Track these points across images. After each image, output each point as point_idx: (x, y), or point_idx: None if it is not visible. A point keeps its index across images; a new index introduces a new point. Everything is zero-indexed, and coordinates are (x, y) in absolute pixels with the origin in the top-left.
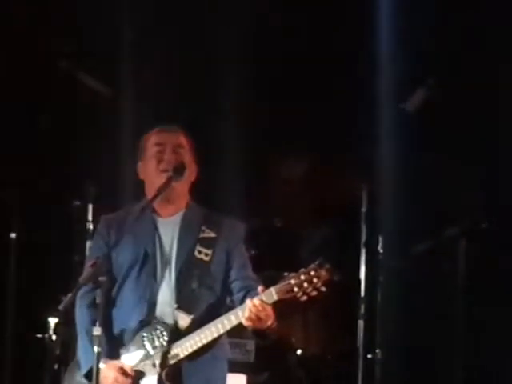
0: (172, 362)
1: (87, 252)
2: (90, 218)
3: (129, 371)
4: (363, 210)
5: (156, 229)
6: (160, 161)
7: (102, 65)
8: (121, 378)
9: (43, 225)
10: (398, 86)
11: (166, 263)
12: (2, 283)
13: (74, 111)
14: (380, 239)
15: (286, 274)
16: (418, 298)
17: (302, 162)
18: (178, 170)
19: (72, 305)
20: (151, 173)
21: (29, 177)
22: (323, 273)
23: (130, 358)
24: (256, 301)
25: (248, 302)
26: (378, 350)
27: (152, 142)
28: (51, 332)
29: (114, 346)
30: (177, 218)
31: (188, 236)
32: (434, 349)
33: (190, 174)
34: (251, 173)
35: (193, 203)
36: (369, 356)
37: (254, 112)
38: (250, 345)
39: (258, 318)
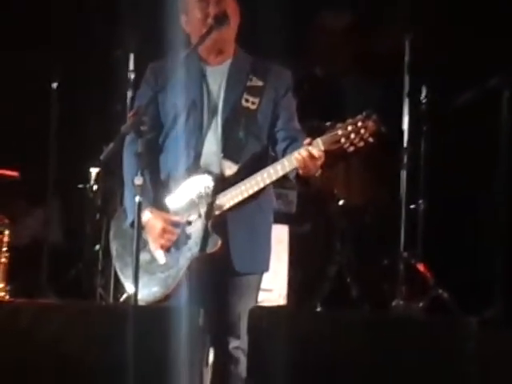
0: (218, 211)
1: (129, 102)
2: (131, 67)
3: (175, 221)
4: (406, 59)
5: (204, 77)
6: (205, 15)
7: None
8: (168, 227)
9: (84, 74)
10: None
11: (212, 112)
12: (44, 133)
13: None
14: (423, 89)
15: (328, 123)
16: (460, 149)
17: (346, 10)
18: (220, 18)
19: (113, 154)
20: (196, 26)
21: (70, 27)
22: (370, 123)
23: (177, 206)
24: (303, 151)
25: (295, 152)
26: (420, 201)
27: None
28: (93, 182)
29: (161, 194)
30: (224, 67)
31: (235, 84)
32: (476, 198)
33: (235, 19)
34: (294, 21)
35: (240, 51)
36: (411, 206)
37: None
38: (292, 195)
39: (305, 168)
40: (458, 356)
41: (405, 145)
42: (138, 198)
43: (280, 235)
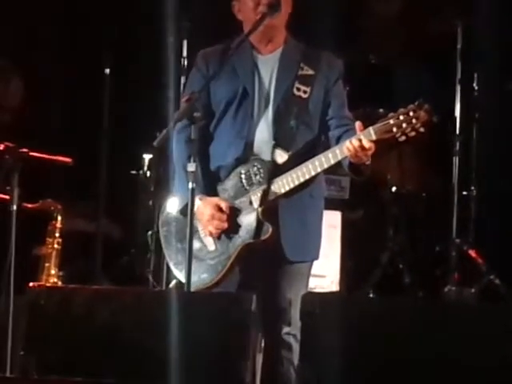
0: (269, 198)
1: (182, 88)
2: (184, 53)
3: (225, 208)
4: (459, 46)
5: (255, 65)
6: (256, 3)
7: None
8: (217, 214)
9: (137, 60)
10: None
11: (264, 100)
12: (97, 120)
13: None
14: (475, 76)
15: (381, 111)
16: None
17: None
18: (273, 5)
19: (166, 141)
20: (249, 14)
21: (124, 14)
22: (422, 113)
23: (227, 194)
24: (354, 141)
25: (347, 141)
26: (473, 187)
27: None
28: (146, 168)
29: (210, 182)
30: (276, 55)
31: (287, 73)
32: None
33: (286, 6)
34: (346, 7)
35: (291, 39)
36: (464, 193)
37: None
38: (345, 182)
39: (356, 157)
40: (510, 342)
41: (457, 131)
42: (191, 185)
43: (333, 221)
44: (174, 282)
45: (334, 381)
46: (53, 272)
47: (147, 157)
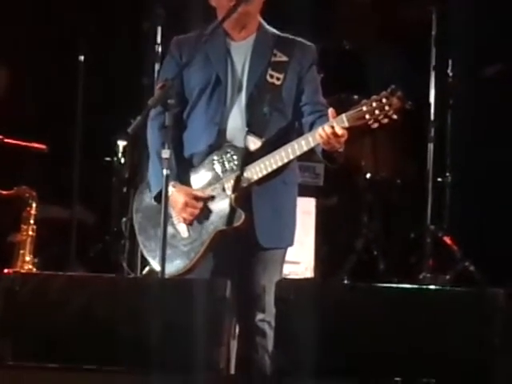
0: (242, 185)
1: (156, 75)
2: (158, 40)
3: (198, 195)
4: (433, 33)
5: (228, 52)
6: None
7: None
8: (190, 202)
9: (111, 47)
10: None
11: (237, 87)
12: (71, 106)
13: None
14: (450, 62)
15: (355, 97)
16: (488, 121)
17: None
18: None
19: (141, 128)
20: (222, 1)
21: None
22: (395, 100)
23: (200, 181)
24: (327, 128)
25: (320, 128)
26: (448, 174)
27: None
28: (120, 155)
29: (184, 169)
30: (249, 42)
31: (260, 60)
32: (503, 170)
33: None
34: None
35: (264, 26)
36: (439, 179)
37: None
38: (320, 168)
39: (329, 144)
40: (484, 327)
41: (432, 118)
42: (165, 171)
43: (307, 208)
44: (147, 269)
45: (308, 367)
46: (27, 259)
47: (121, 143)
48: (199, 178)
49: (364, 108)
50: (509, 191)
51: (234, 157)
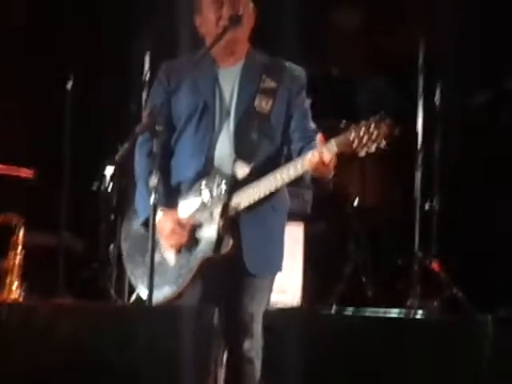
0: (230, 212)
1: (144, 101)
2: (146, 66)
3: (186, 222)
4: (420, 60)
5: (216, 79)
6: (219, 17)
7: None
8: (178, 228)
9: (99, 73)
10: None
11: (225, 114)
12: (59, 133)
13: None
14: (437, 90)
15: (343, 122)
16: (476, 150)
17: (361, 12)
18: (234, 19)
19: (128, 155)
20: (211, 28)
21: (85, 26)
22: (384, 127)
23: (188, 208)
24: (315, 155)
25: (309, 154)
26: (435, 201)
27: None
28: (107, 182)
29: (171, 196)
30: (237, 68)
31: (248, 86)
32: (490, 197)
33: (248, 20)
34: (309, 20)
35: (253, 51)
36: (426, 207)
37: None
38: (308, 195)
39: (317, 170)
40: (473, 353)
41: (419, 145)
42: (152, 199)
43: (295, 234)
44: (134, 296)
45: None
46: (14, 286)
47: (109, 170)
48: (187, 205)
49: (353, 133)
50: (496, 218)
51: (222, 183)
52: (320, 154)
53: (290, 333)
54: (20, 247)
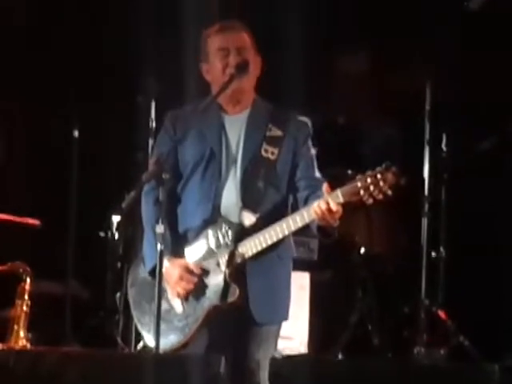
0: (237, 261)
1: (150, 150)
2: (153, 115)
3: (193, 269)
4: (427, 107)
5: (222, 127)
6: (225, 65)
7: None
8: (185, 276)
9: (105, 121)
10: None
11: (231, 162)
12: (65, 181)
13: (136, 8)
14: (444, 137)
15: (350, 172)
16: (482, 197)
17: (365, 59)
18: (241, 67)
19: (135, 203)
20: (217, 76)
21: (91, 74)
22: (390, 176)
23: (195, 255)
24: (322, 204)
25: (315, 204)
26: (442, 249)
27: (215, 45)
28: (114, 230)
29: (178, 244)
30: (243, 116)
31: (255, 134)
32: (496, 245)
33: (255, 69)
34: (314, 68)
35: (259, 99)
36: (433, 254)
37: (317, 8)
38: (314, 243)
39: (323, 220)
40: None
41: (426, 193)
42: (159, 246)
43: (301, 282)
44: (141, 344)
45: None
46: (22, 334)
47: (115, 218)
48: (194, 253)
49: (359, 184)
50: (503, 266)
51: (229, 232)
52: (327, 203)
53: (297, 379)
54: (27, 296)
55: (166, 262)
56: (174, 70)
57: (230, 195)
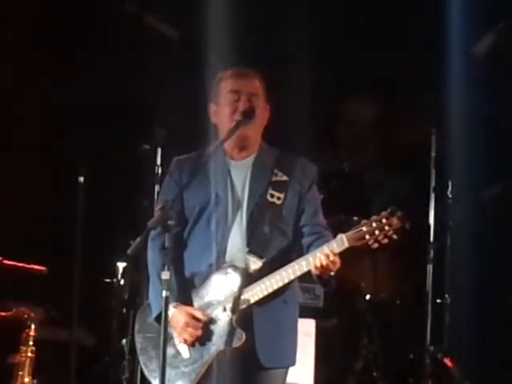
0: (243, 306)
1: (156, 196)
2: (158, 161)
3: (199, 316)
4: (433, 154)
5: (228, 172)
6: (234, 109)
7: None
8: (191, 322)
9: (112, 169)
10: (467, 32)
11: (237, 207)
12: (71, 227)
13: (144, 57)
14: (449, 184)
15: (355, 218)
16: (488, 244)
17: (371, 107)
18: (247, 114)
19: (140, 249)
20: (225, 119)
21: (97, 122)
22: (395, 221)
23: (201, 301)
24: (327, 250)
25: (319, 250)
26: (447, 295)
27: (227, 88)
28: (119, 276)
29: (184, 290)
30: (249, 161)
31: (260, 179)
32: (502, 292)
33: (263, 118)
34: (320, 117)
35: (264, 145)
36: (438, 301)
37: (325, 58)
38: (319, 290)
39: (326, 267)
40: None
41: (431, 239)
42: (165, 293)
43: (307, 329)
44: None
45: None
46: (26, 380)
47: (121, 265)
48: (200, 298)
49: (364, 228)
50: (508, 312)
51: (235, 277)
52: (331, 249)
53: None
54: (32, 342)
55: (172, 309)
56: (180, 118)
57: (236, 240)
